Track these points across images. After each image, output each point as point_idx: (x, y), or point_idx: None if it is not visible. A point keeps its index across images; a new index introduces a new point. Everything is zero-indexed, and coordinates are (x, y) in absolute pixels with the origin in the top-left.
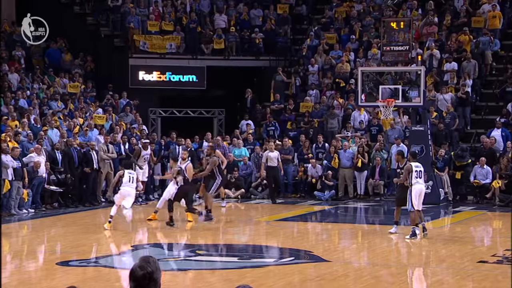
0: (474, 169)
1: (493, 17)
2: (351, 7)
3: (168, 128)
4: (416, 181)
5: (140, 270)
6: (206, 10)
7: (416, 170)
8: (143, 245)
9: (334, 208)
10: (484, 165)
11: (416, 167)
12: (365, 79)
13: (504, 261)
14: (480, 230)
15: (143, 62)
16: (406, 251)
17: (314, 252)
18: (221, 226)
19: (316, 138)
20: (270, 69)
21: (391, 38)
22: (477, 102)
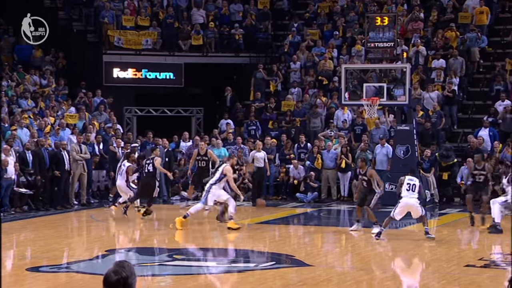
0: (460, 170)
1: (480, 12)
2: (334, 2)
3: (144, 128)
4: (405, 194)
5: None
6: (184, 5)
7: (409, 183)
8: (118, 249)
9: (317, 211)
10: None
11: (409, 180)
12: (348, 77)
13: (491, 265)
14: (466, 233)
15: (117, 58)
16: (391, 255)
17: (296, 256)
18: (200, 230)
19: (298, 138)
20: (250, 66)
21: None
22: (464, 101)
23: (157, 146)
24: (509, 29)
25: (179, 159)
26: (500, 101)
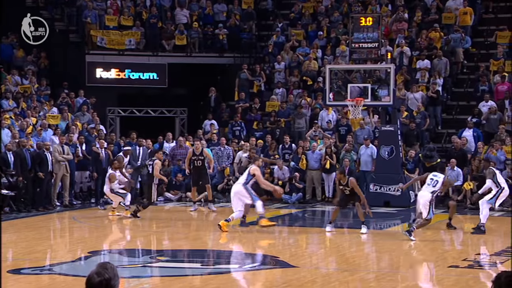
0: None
1: (464, 13)
2: (318, 2)
3: (128, 128)
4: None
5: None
6: (167, 5)
7: (432, 178)
8: (101, 251)
9: (301, 212)
10: (454, 167)
11: (433, 175)
12: (333, 77)
13: (475, 265)
14: (450, 233)
15: (100, 58)
16: (376, 256)
17: (280, 258)
18: (183, 231)
19: (282, 138)
20: (235, 67)
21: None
22: (448, 101)
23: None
24: (492, 30)
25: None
26: (484, 102)
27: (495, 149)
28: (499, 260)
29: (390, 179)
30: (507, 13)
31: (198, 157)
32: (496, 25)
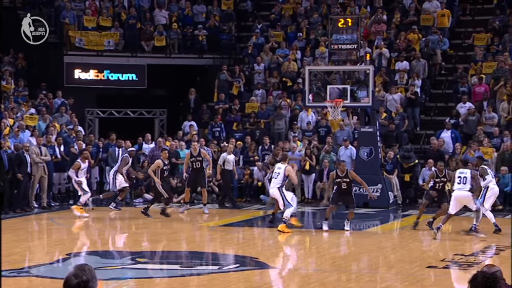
0: (422, 172)
1: (442, 15)
2: (297, 3)
3: (106, 129)
4: (457, 187)
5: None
6: (146, 6)
7: (460, 176)
8: (79, 253)
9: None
10: (432, 167)
11: (460, 173)
12: (312, 79)
13: (452, 265)
14: (429, 234)
15: (79, 59)
16: (355, 257)
17: (260, 259)
18: (163, 232)
19: (262, 139)
20: (214, 68)
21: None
22: (427, 103)
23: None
24: (470, 31)
25: (142, 161)
26: (462, 103)
27: (473, 150)
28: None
29: (369, 179)
30: (484, 15)
31: (196, 158)
32: (473, 27)
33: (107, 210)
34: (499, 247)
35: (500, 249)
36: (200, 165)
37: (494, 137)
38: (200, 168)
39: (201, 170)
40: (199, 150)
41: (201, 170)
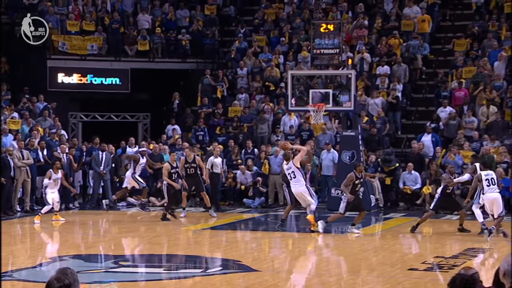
0: (402, 175)
1: (422, 21)
2: (280, 8)
3: (90, 133)
4: (487, 189)
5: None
6: (130, 10)
7: (487, 178)
8: (62, 256)
9: (264, 216)
10: (411, 171)
11: (486, 175)
12: (295, 83)
13: (433, 268)
14: (410, 237)
15: (62, 63)
16: (337, 259)
17: (243, 262)
18: (146, 235)
19: (245, 143)
20: (198, 72)
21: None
22: (408, 107)
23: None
24: (450, 37)
25: (125, 164)
26: (442, 108)
27: (453, 154)
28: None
29: None
30: (464, 21)
31: (191, 165)
32: (453, 33)
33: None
34: (478, 249)
35: (479, 251)
36: (194, 171)
37: (473, 141)
38: (194, 174)
39: (195, 175)
40: (193, 157)
41: (195, 175)
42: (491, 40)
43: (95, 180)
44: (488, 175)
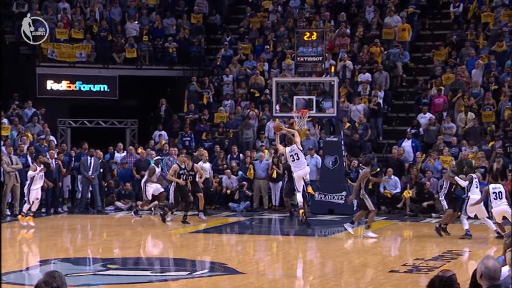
0: None
1: (403, 29)
2: (265, 17)
3: (79, 139)
4: (495, 203)
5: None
6: (118, 18)
7: (494, 191)
8: (51, 260)
9: (249, 220)
10: (391, 176)
11: (493, 188)
12: (279, 90)
13: (413, 270)
14: (391, 240)
15: (51, 71)
16: (320, 262)
17: (228, 264)
18: (134, 239)
19: (231, 148)
20: (184, 79)
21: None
22: (389, 113)
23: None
24: (429, 45)
25: (113, 169)
26: (422, 114)
27: (433, 159)
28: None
29: (334, 187)
30: (442, 30)
31: (189, 173)
32: (433, 41)
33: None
34: (457, 251)
35: (458, 254)
36: (193, 178)
37: (452, 146)
38: (193, 181)
39: (195, 182)
40: (192, 164)
41: (194, 182)
42: (469, 48)
43: (83, 185)
44: (496, 189)
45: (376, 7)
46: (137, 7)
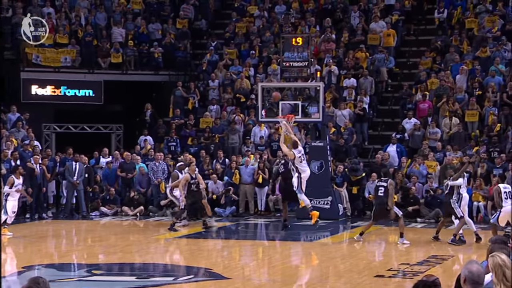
0: (367, 185)
1: (388, 35)
2: (250, 22)
3: (64, 144)
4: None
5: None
6: (103, 23)
7: (505, 191)
8: (35, 265)
9: (234, 225)
10: (375, 180)
11: (504, 188)
12: (265, 95)
13: (399, 275)
14: (376, 244)
15: (36, 75)
16: (306, 267)
17: (214, 270)
18: (119, 244)
19: (217, 153)
20: (170, 84)
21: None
22: (374, 118)
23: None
24: (414, 51)
25: (97, 175)
26: (407, 119)
27: (418, 164)
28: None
29: (320, 192)
30: (427, 35)
31: (195, 181)
32: (417, 47)
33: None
34: (442, 256)
35: (443, 259)
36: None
37: (437, 151)
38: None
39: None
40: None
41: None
42: (453, 54)
43: (68, 190)
44: (506, 188)
45: (361, 13)
46: (123, 12)
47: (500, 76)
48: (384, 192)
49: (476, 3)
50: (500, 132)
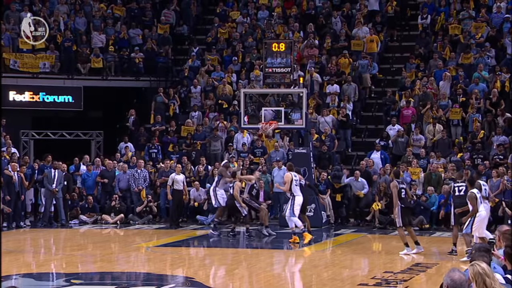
0: (351, 182)
1: (371, 41)
2: (233, 28)
3: (42, 151)
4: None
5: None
6: (82, 29)
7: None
8: (12, 275)
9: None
10: (358, 178)
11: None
12: (248, 101)
13: (382, 283)
14: (360, 252)
15: (13, 81)
16: (289, 275)
17: (196, 278)
18: (98, 253)
19: (199, 160)
20: (151, 90)
21: (273, 60)
22: (357, 125)
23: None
24: (398, 57)
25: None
26: (391, 125)
27: (402, 171)
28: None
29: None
30: (410, 42)
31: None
32: (401, 53)
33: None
34: (425, 264)
35: (427, 267)
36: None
37: (421, 158)
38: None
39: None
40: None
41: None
42: (437, 60)
43: (47, 198)
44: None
45: (343, 18)
46: (103, 17)
47: (483, 83)
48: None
49: (459, 9)
50: (484, 139)
